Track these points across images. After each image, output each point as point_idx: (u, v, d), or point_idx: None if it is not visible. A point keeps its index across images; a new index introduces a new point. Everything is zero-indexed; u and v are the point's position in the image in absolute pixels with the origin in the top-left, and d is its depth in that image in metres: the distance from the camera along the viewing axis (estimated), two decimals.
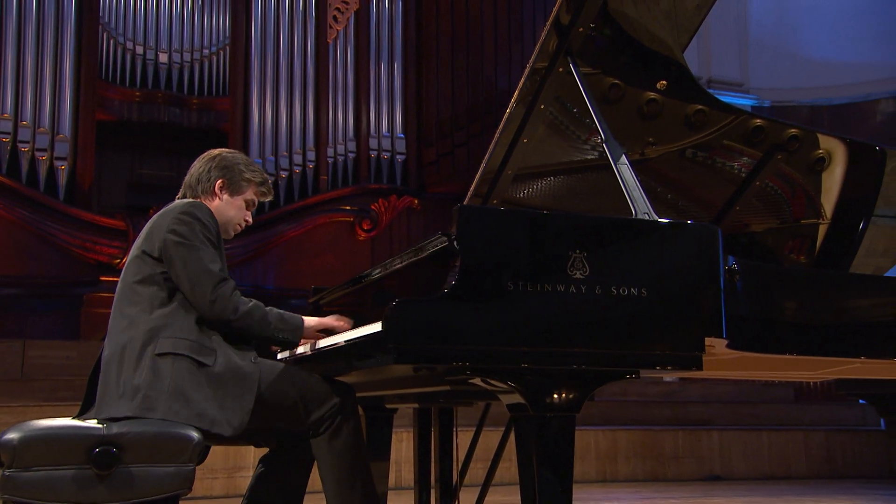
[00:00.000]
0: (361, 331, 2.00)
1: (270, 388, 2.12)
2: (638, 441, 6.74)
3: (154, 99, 9.58)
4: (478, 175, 2.69)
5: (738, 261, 2.05)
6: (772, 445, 7.16)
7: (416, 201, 9.80)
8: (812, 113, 10.54)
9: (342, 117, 9.72)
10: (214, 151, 2.42)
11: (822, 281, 2.39)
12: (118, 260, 8.29)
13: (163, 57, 9.55)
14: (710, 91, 2.76)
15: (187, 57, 9.68)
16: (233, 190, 2.35)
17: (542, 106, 2.54)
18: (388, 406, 2.82)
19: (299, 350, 2.47)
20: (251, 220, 2.43)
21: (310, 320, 2.28)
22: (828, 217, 2.89)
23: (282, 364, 2.21)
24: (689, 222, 2.04)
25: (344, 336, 2.15)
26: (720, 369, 2.55)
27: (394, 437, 2.94)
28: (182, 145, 9.40)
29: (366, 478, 2.16)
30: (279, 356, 2.65)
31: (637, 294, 1.86)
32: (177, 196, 2.38)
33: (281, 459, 2.29)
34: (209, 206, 2.30)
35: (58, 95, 8.68)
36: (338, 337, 2.21)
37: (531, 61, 2.44)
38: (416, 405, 2.77)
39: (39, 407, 5.41)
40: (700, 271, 1.95)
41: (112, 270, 8.24)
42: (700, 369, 1.94)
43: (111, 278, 8.05)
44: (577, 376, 1.83)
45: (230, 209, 2.34)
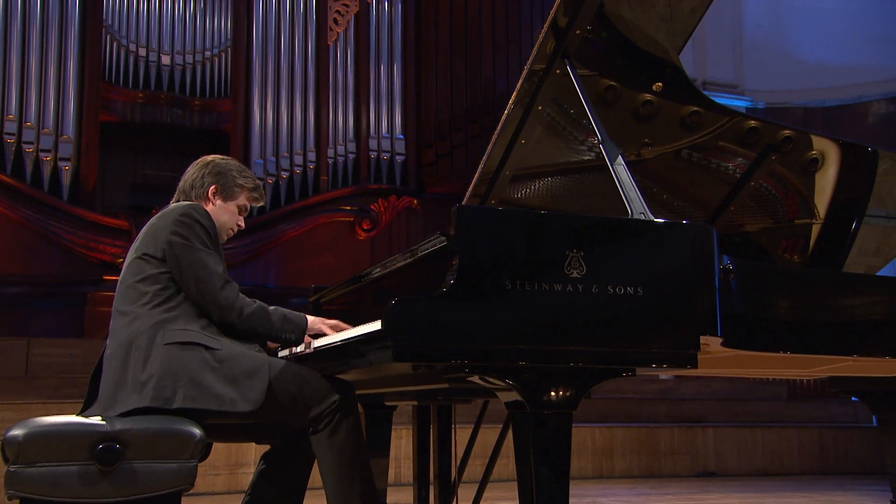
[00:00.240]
0: (361, 329, 1.99)
1: (271, 385, 2.12)
2: (634, 437, 6.75)
3: (157, 100, 9.57)
4: (476, 175, 2.69)
5: (733, 260, 2.05)
6: (765, 442, 7.17)
7: (416, 201, 9.80)
8: (805, 114, 10.55)
9: (342, 118, 9.72)
10: (208, 158, 2.44)
11: (816, 280, 2.39)
12: (121, 259, 8.26)
13: (165, 59, 9.54)
14: (705, 93, 2.76)
15: (189, 59, 9.67)
16: (226, 195, 2.38)
17: (540, 107, 2.54)
18: (388, 403, 2.82)
19: (300, 348, 2.47)
20: (244, 225, 2.46)
21: (313, 323, 2.28)
22: (821, 217, 2.89)
23: (282, 361, 2.21)
24: (685, 222, 2.04)
25: (344, 334, 2.15)
26: (715, 367, 2.55)
27: (393, 434, 2.94)
28: (184, 146, 9.39)
29: (365, 474, 2.16)
30: (280, 354, 2.65)
31: (633, 293, 1.86)
32: (171, 201, 2.39)
33: (282, 456, 2.30)
34: None
35: (62, 97, 8.67)
36: (338, 335, 2.20)
37: (529, 63, 2.44)
38: (415, 402, 2.77)
39: (43, 404, 5.41)
40: (695, 270, 1.96)
41: (115, 269, 8.23)
42: (695, 367, 1.94)
43: (114, 277, 8.00)
44: (574, 374, 1.83)
45: (223, 214, 2.37)
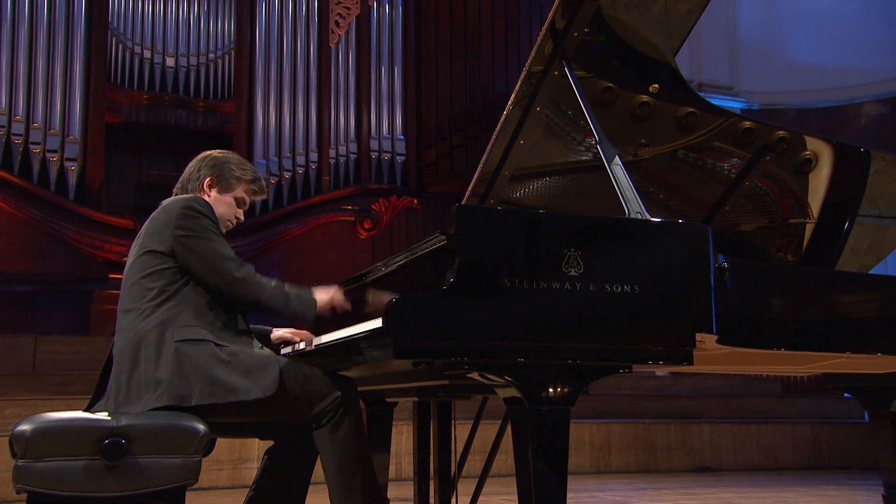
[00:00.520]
0: (362, 327, 1.99)
1: (279, 378, 2.11)
2: (631, 433, 6.75)
3: (161, 102, 9.57)
4: (475, 175, 2.69)
5: (728, 259, 2.05)
6: (760, 437, 7.17)
7: (416, 201, 9.79)
8: (799, 115, 10.54)
9: (344, 119, 9.71)
10: (208, 152, 2.42)
11: (809, 278, 2.39)
12: (126, 258, 8.28)
13: (170, 61, 9.54)
14: (701, 94, 2.76)
15: (193, 61, 9.67)
16: (222, 187, 2.35)
17: (538, 108, 2.53)
18: (389, 400, 2.82)
19: (301, 345, 2.47)
20: (242, 218, 2.43)
21: (320, 298, 2.27)
22: (814, 216, 2.89)
23: (284, 359, 2.20)
24: (681, 221, 2.04)
25: (345, 332, 2.15)
26: (710, 364, 2.55)
27: (394, 430, 2.94)
28: (188, 147, 9.29)
29: (367, 469, 2.16)
30: (282, 351, 2.65)
31: (630, 291, 1.86)
32: (172, 194, 2.37)
33: (285, 452, 2.29)
34: None
35: (68, 98, 8.67)
36: (339, 333, 2.20)
37: (527, 65, 2.44)
38: (416, 399, 2.76)
39: (50, 400, 5.41)
40: (691, 269, 1.95)
41: (120, 268, 8.17)
42: (691, 364, 1.94)
43: (120, 275, 8.03)
44: (572, 371, 1.83)
45: (219, 206, 2.33)
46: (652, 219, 2.02)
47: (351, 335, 2.02)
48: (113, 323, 2.24)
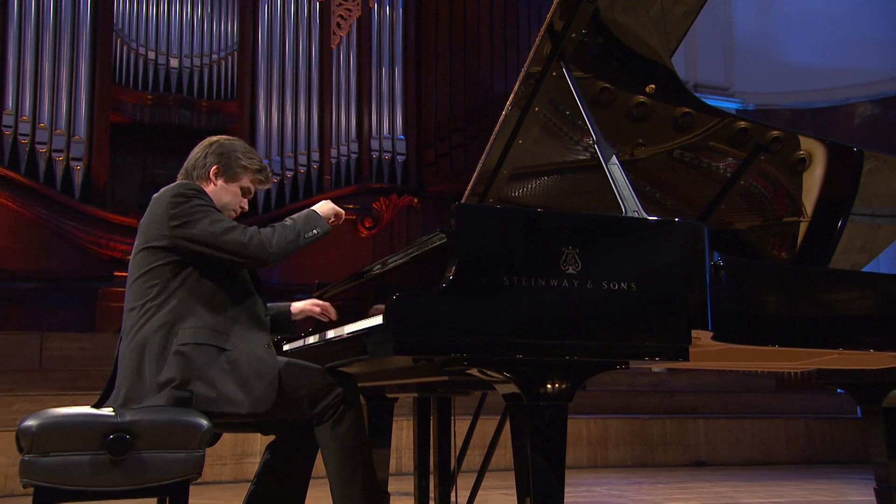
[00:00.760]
0: (363, 324, 1.99)
1: (280, 385, 2.09)
2: (627, 428, 6.75)
3: (165, 102, 9.57)
4: (475, 175, 2.69)
5: (723, 257, 2.05)
6: (754, 432, 7.17)
7: (416, 200, 9.80)
8: (794, 116, 10.54)
9: (345, 119, 9.71)
10: (214, 137, 2.33)
11: (803, 276, 2.39)
12: (130, 256, 8.27)
13: (174, 62, 9.54)
14: (697, 94, 2.76)
15: (197, 62, 9.67)
16: (228, 176, 2.26)
17: (537, 108, 2.53)
18: (389, 396, 2.81)
19: (307, 341, 2.47)
20: (247, 208, 2.35)
21: (324, 209, 2.23)
22: (808, 215, 2.89)
23: (286, 359, 2.19)
24: (677, 220, 2.04)
25: (346, 328, 2.14)
26: (706, 360, 2.55)
27: (394, 426, 2.94)
28: (192, 146, 9.27)
29: (367, 464, 2.16)
30: (285, 347, 2.65)
31: (627, 288, 1.86)
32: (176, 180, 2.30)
33: (287, 447, 2.28)
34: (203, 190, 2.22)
35: (74, 99, 8.67)
36: (341, 329, 2.20)
37: (526, 66, 2.44)
38: (416, 395, 2.76)
39: (57, 396, 5.41)
40: (687, 267, 1.95)
41: (125, 266, 8.20)
42: (687, 360, 1.94)
43: (125, 273, 8.04)
44: (570, 367, 1.83)
45: (225, 195, 2.26)
46: (649, 217, 2.02)
47: (352, 332, 2.02)
48: (118, 320, 2.22)
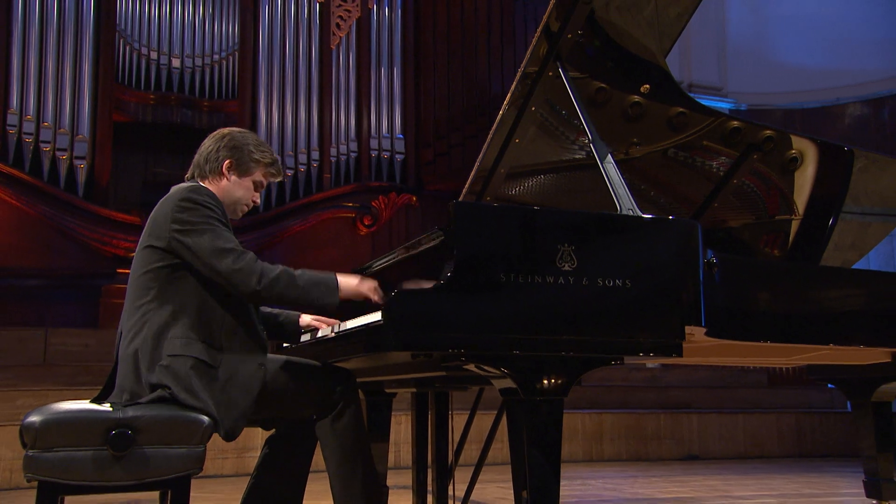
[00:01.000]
0: (361, 320, 1.99)
1: (277, 382, 2.09)
2: (622, 423, 6.76)
3: (167, 101, 9.55)
4: (472, 173, 2.68)
5: (717, 254, 2.05)
6: (746, 427, 7.19)
7: (415, 198, 9.78)
8: (785, 116, 10.55)
9: (344, 119, 9.70)
10: (225, 130, 2.28)
11: (795, 273, 2.39)
12: (133, 253, 8.26)
13: (176, 62, 9.51)
14: (691, 95, 2.76)
15: (199, 62, 9.64)
16: (241, 171, 2.21)
17: (533, 108, 2.53)
18: (388, 391, 2.81)
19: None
20: (259, 201, 2.30)
21: (347, 283, 2.08)
22: (800, 213, 2.89)
23: (285, 357, 2.18)
24: (671, 218, 2.03)
25: (345, 324, 2.14)
26: (699, 356, 2.56)
27: (393, 420, 2.94)
28: (194, 145, 9.14)
29: (366, 458, 2.15)
30: (284, 344, 2.64)
31: (622, 285, 1.86)
32: (185, 175, 2.27)
33: (286, 441, 2.28)
34: (216, 186, 2.19)
35: (77, 98, 8.64)
36: (341, 326, 2.20)
37: (522, 66, 2.43)
38: (414, 390, 2.76)
39: (60, 391, 5.40)
40: (681, 264, 1.95)
41: (128, 263, 8.16)
42: (680, 356, 1.94)
43: (127, 270, 8.02)
44: (566, 362, 1.83)
45: (238, 189, 2.21)
46: (643, 215, 2.02)
47: (351, 328, 2.02)
48: (120, 317, 2.21)
